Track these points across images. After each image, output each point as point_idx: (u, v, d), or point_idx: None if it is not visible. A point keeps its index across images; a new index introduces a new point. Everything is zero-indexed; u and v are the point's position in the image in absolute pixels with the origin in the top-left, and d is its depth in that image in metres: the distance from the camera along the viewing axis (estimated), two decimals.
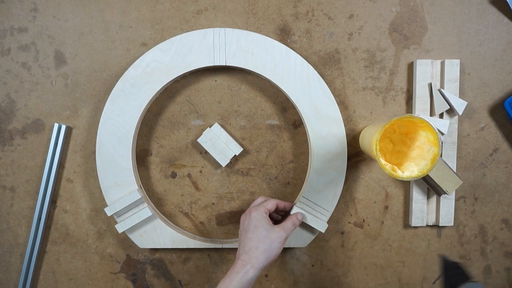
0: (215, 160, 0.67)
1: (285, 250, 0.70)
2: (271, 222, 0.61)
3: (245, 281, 0.55)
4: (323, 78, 0.65)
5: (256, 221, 0.59)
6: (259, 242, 0.58)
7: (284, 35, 0.67)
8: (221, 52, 0.64)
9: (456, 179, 0.65)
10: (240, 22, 0.66)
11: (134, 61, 0.64)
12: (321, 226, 0.66)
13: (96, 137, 0.65)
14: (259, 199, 0.65)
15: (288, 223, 0.61)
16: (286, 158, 0.69)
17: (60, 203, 0.69)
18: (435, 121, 0.65)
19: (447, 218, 0.68)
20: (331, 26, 0.66)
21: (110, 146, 0.65)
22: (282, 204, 0.65)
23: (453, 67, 0.65)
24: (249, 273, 0.56)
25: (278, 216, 0.67)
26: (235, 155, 0.67)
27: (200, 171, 0.69)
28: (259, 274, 0.58)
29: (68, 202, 0.69)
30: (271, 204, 0.63)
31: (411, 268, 0.71)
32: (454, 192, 0.67)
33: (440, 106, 0.65)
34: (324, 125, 0.65)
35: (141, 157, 0.69)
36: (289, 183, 0.69)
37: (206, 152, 0.68)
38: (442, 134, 0.66)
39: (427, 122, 0.52)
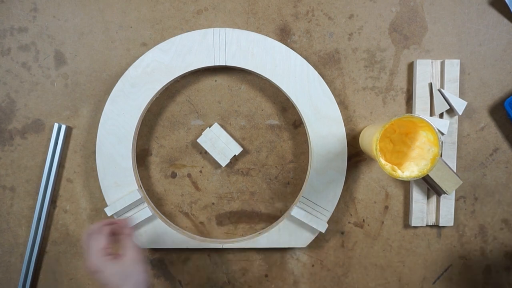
0: (215, 160, 0.67)
1: (285, 250, 0.70)
2: (109, 258, 0.54)
3: None
4: (323, 78, 0.65)
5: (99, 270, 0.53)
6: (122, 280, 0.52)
7: (284, 35, 0.67)
8: (221, 52, 0.64)
9: (456, 179, 0.65)
10: (240, 22, 0.66)
11: (134, 61, 0.64)
12: (321, 226, 0.66)
13: (96, 137, 0.65)
14: (95, 226, 0.57)
15: (126, 246, 0.55)
16: (286, 158, 0.69)
17: (60, 203, 0.69)
18: (435, 121, 0.65)
19: (447, 218, 0.68)
20: (331, 26, 0.66)
21: (110, 146, 0.65)
22: (119, 223, 0.57)
23: (453, 67, 0.65)
24: None
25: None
26: (235, 155, 0.67)
27: (200, 171, 0.69)
28: None
29: (68, 202, 0.69)
30: (100, 241, 0.54)
31: (411, 268, 0.71)
32: (454, 192, 0.67)
33: (440, 106, 0.65)
34: (324, 125, 0.65)
35: (141, 157, 0.69)
36: (289, 183, 0.69)
37: (206, 152, 0.68)
38: (442, 134, 0.66)
39: (427, 122, 0.52)
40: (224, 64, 0.64)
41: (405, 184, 0.69)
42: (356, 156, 0.69)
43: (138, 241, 0.59)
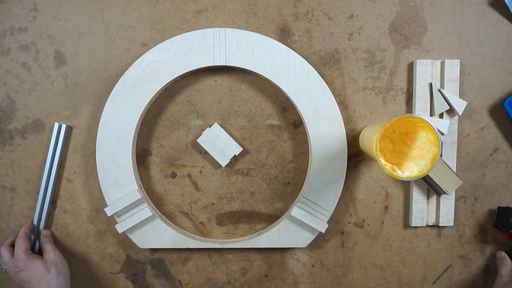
0: (215, 160, 0.67)
1: (285, 250, 0.70)
2: (32, 256, 0.64)
3: None
4: (323, 78, 0.65)
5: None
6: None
7: (284, 35, 0.67)
8: (221, 52, 0.64)
9: (456, 179, 0.65)
10: (240, 22, 0.66)
11: (134, 61, 0.64)
12: (321, 226, 0.66)
13: (96, 137, 0.65)
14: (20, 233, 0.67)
15: (44, 247, 0.66)
16: (286, 158, 0.69)
17: (60, 203, 0.69)
18: (435, 121, 0.65)
19: (447, 218, 0.68)
20: (331, 26, 0.66)
21: (110, 146, 0.65)
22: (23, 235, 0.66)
23: (453, 67, 0.65)
24: None
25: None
26: (235, 155, 0.67)
27: (200, 171, 0.69)
28: None
29: (68, 202, 0.69)
30: (23, 244, 0.64)
31: (411, 268, 0.71)
32: (454, 192, 0.67)
33: (440, 106, 0.65)
34: (324, 125, 0.65)
35: (141, 157, 0.69)
36: (289, 183, 0.69)
37: (206, 152, 0.68)
38: (442, 134, 0.66)
39: (427, 122, 0.52)
40: (224, 64, 0.64)
41: (405, 184, 0.69)
42: (356, 156, 0.69)
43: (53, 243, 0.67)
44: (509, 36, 0.67)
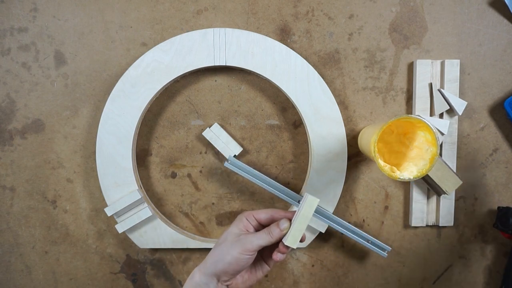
0: (215, 160, 0.67)
1: None
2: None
3: (190, 285, 0.52)
4: (323, 78, 0.65)
5: (226, 232, 0.55)
6: (215, 247, 0.54)
7: (284, 35, 0.67)
8: (221, 52, 0.64)
9: (456, 179, 0.65)
10: (240, 22, 0.66)
11: (134, 61, 0.64)
12: (321, 226, 0.66)
13: (96, 137, 0.65)
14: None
15: (260, 232, 0.53)
16: (286, 158, 0.69)
17: (60, 203, 0.69)
18: (435, 121, 0.65)
19: (447, 218, 0.68)
20: (331, 26, 0.66)
21: (110, 146, 0.65)
22: (281, 214, 0.55)
23: (453, 67, 0.65)
24: (194, 277, 0.53)
25: None
26: (235, 155, 0.67)
27: (200, 171, 0.69)
28: (213, 282, 0.52)
29: (68, 202, 0.69)
30: (259, 214, 0.55)
31: (411, 268, 0.71)
32: (454, 192, 0.67)
33: (440, 106, 0.65)
34: (324, 125, 0.65)
35: (141, 157, 0.69)
36: (289, 183, 0.69)
37: (206, 152, 0.68)
38: (442, 134, 0.66)
39: (424, 122, 0.52)
40: (224, 64, 0.64)
41: (405, 184, 0.69)
42: (356, 156, 0.69)
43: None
44: (509, 36, 0.67)
